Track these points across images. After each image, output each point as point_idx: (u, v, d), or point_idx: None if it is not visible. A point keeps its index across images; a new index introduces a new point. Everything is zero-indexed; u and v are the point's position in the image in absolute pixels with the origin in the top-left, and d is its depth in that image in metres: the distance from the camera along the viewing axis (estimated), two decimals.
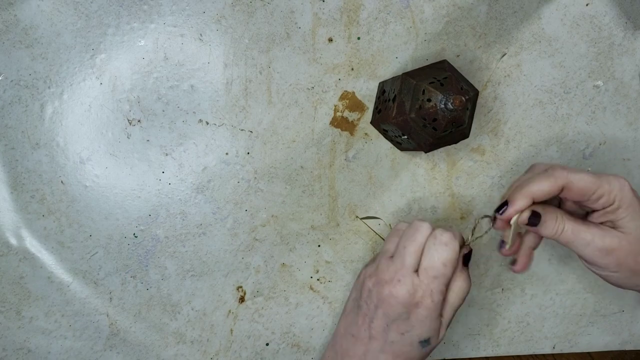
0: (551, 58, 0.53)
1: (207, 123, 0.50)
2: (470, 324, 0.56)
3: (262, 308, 0.53)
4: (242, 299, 0.53)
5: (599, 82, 0.54)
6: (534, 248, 0.46)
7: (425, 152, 0.48)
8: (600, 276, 0.43)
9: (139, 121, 0.49)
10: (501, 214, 0.41)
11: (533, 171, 0.43)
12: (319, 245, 0.53)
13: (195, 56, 0.49)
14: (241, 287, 0.52)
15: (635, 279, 0.42)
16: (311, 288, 0.54)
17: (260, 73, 0.50)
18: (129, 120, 0.49)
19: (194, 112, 0.50)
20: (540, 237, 0.45)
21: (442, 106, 0.42)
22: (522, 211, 0.41)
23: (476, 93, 0.45)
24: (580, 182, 0.40)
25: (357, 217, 0.53)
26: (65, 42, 0.48)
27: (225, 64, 0.50)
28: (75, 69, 0.48)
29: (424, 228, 0.42)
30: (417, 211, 0.54)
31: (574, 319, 0.57)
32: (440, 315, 0.42)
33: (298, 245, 0.53)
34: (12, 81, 0.48)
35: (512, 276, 0.56)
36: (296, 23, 0.50)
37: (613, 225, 0.41)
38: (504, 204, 0.41)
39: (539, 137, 0.54)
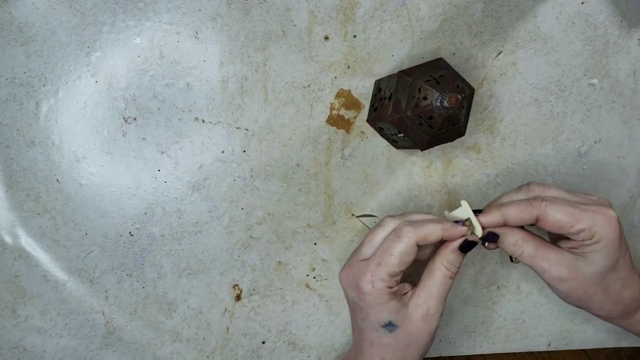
0: (547, 56, 0.53)
1: (203, 121, 0.50)
2: (466, 321, 0.56)
3: (259, 306, 0.53)
4: (238, 297, 0.53)
5: (594, 80, 0.54)
6: None
7: (421, 150, 0.48)
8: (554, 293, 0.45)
9: (134, 119, 0.49)
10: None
11: (528, 191, 0.44)
12: (315, 243, 0.53)
13: (191, 54, 0.49)
14: (237, 285, 0.52)
15: (582, 304, 0.43)
16: (307, 286, 0.54)
17: (256, 71, 0.50)
18: (124, 118, 0.49)
19: (190, 110, 0.50)
20: None
21: (438, 104, 0.43)
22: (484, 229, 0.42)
23: (472, 91, 0.45)
24: (557, 215, 0.40)
25: (353, 215, 0.53)
26: (61, 39, 0.48)
27: (221, 62, 0.50)
28: (70, 66, 0.48)
29: (389, 225, 0.43)
30: (413, 209, 0.54)
31: (569, 316, 0.57)
32: (401, 298, 0.41)
33: (294, 243, 0.53)
34: (6, 79, 0.47)
35: (507, 274, 0.56)
36: (292, 21, 0.50)
37: (582, 254, 0.41)
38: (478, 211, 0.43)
39: (534, 135, 0.54)
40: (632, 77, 0.55)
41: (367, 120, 0.52)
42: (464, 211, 0.42)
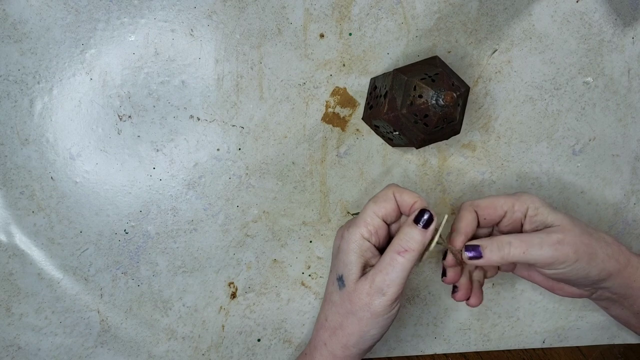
0: (542, 54, 0.54)
1: (198, 119, 0.50)
2: (461, 318, 0.56)
3: (254, 304, 0.53)
4: (233, 295, 0.53)
5: (589, 79, 0.55)
6: (482, 284, 0.49)
7: (417, 148, 0.48)
8: (562, 280, 0.45)
9: (129, 117, 0.49)
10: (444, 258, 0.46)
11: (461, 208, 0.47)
12: (310, 241, 0.53)
13: (186, 52, 0.49)
14: (233, 283, 0.52)
15: (594, 262, 0.43)
16: (303, 284, 0.54)
17: (252, 69, 0.50)
18: (119, 116, 0.49)
19: (185, 108, 0.50)
20: (484, 271, 0.49)
21: (434, 102, 0.43)
22: (460, 249, 0.44)
23: (467, 89, 0.45)
24: (485, 201, 0.46)
25: (348, 212, 0.53)
26: (55, 36, 0.47)
27: (216, 60, 0.50)
28: (64, 64, 0.48)
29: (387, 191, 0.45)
30: None
31: (563, 313, 0.57)
32: (366, 261, 0.43)
33: (289, 241, 0.53)
34: (0, 76, 0.47)
35: (501, 272, 0.56)
36: (287, 18, 0.50)
37: (545, 226, 0.44)
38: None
39: (529, 133, 0.54)
40: (626, 75, 0.55)
41: (362, 118, 0.52)
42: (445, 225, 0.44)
